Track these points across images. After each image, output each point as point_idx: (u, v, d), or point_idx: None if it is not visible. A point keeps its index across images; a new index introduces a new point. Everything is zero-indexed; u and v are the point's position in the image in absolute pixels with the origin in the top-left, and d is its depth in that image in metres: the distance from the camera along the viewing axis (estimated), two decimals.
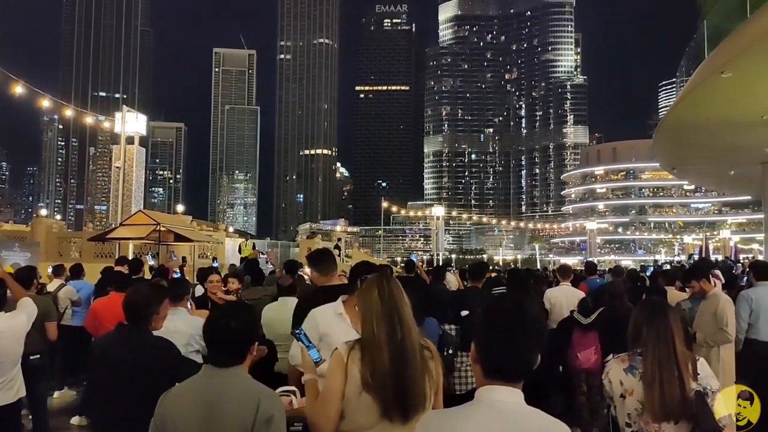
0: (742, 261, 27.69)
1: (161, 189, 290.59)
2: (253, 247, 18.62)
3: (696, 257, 30.78)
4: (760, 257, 27.75)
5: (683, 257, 49.91)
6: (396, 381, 2.39)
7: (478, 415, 1.74)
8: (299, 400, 2.89)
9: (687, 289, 7.27)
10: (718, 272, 11.33)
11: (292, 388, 3.43)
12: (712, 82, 14.28)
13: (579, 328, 6.59)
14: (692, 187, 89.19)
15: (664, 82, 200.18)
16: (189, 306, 5.24)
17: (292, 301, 5.23)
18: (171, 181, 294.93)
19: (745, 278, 9.95)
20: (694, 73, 16.65)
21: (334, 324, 3.31)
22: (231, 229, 39.42)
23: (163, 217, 20.59)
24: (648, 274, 12.38)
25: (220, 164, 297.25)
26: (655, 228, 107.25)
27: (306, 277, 8.92)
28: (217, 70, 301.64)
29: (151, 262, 15.34)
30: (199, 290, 8.58)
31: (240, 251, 19.57)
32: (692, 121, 18.39)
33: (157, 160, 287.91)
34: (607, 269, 18.58)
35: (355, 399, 2.44)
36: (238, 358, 2.48)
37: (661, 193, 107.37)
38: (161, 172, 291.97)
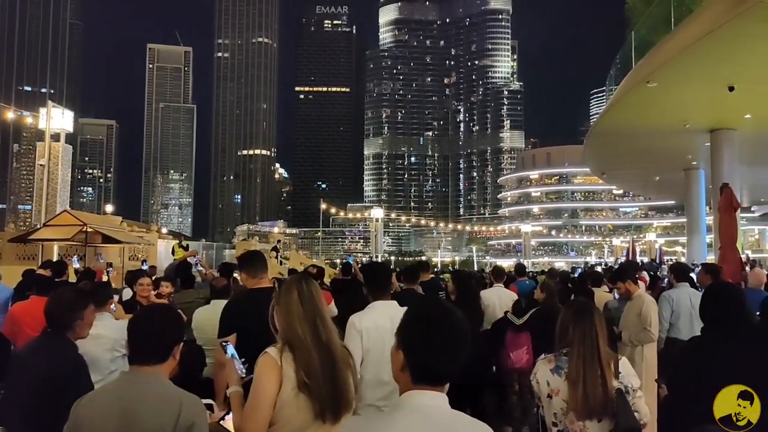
0: (666, 263, 29.04)
1: (90, 188, 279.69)
2: (186, 249, 18.06)
3: (623, 259, 32.09)
4: (683, 259, 29.19)
5: (612, 259, 51.95)
6: (328, 381, 2.40)
7: (403, 420, 1.73)
8: (215, 414, 2.79)
9: (614, 290, 7.55)
10: (644, 274, 11.83)
11: (210, 401, 3.32)
12: (638, 91, 14.92)
13: (512, 329, 6.71)
14: (621, 191, 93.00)
15: (595, 90, 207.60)
16: (113, 310, 5.02)
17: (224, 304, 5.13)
18: (101, 180, 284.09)
19: (666, 280, 10.40)
20: (622, 82, 17.35)
21: None
22: (164, 230, 38.24)
23: (90, 218, 19.76)
24: (576, 275, 12.75)
25: (154, 163, 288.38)
26: (586, 231, 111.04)
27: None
28: (151, 66, 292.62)
29: (77, 265, 14.68)
30: (127, 293, 8.27)
31: (173, 253, 18.96)
32: (620, 129, 19.15)
33: (87, 159, 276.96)
34: (540, 270, 19.07)
35: (292, 401, 2.41)
36: (159, 357, 2.40)
37: (592, 198, 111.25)
38: (91, 171, 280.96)
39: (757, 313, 4.02)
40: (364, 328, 3.54)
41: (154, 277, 8.75)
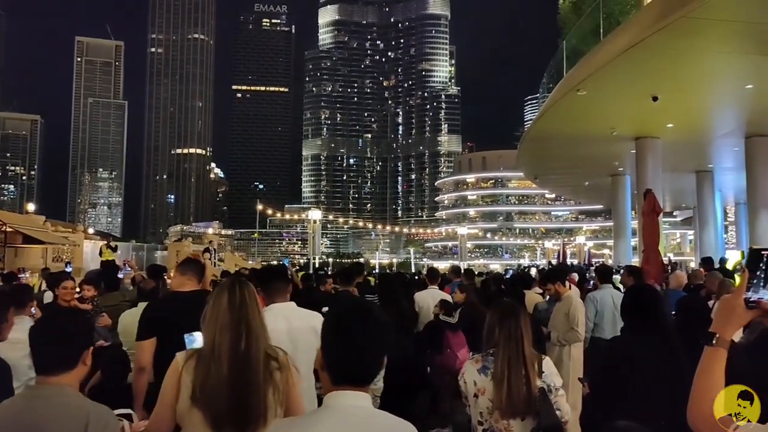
0: (594, 265, 30.11)
1: (12, 186, 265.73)
2: (115, 250, 17.41)
3: (555, 261, 33.09)
4: (610, 261, 30.34)
5: (545, 261, 53.48)
6: (232, 393, 2.28)
7: (327, 421, 1.71)
8: (135, 424, 2.68)
9: (545, 292, 7.75)
10: (575, 276, 12.21)
11: (128, 411, 3.18)
12: (569, 98, 15.37)
13: (449, 328, 6.77)
14: (553, 196, 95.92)
15: (529, 97, 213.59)
16: (33, 314, 4.76)
17: None
18: (24, 177, 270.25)
19: (591, 282, 10.77)
20: (554, 89, 17.86)
21: None
22: (92, 231, 36.70)
23: (10, 217, 18.77)
24: (508, 277, 13.02)
25: (82, 161, 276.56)
26: (520, 234, 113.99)
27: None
28: (79, 60, 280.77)
29: None
30: (48, 297, 7.89)
31: (101, 254, 18.23)
32: (552, 134, 19.70)
33: (8, 155, 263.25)
34: (478, 273, 19.32)
35: (187, 412, 2.32)
36: (65, 365, 2.23)
37: (526, 201, 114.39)
38: (12, 168, 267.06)
39: (673, 312, 4.20)
40: None
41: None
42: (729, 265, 15.33)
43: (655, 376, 2.99)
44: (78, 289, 7.28)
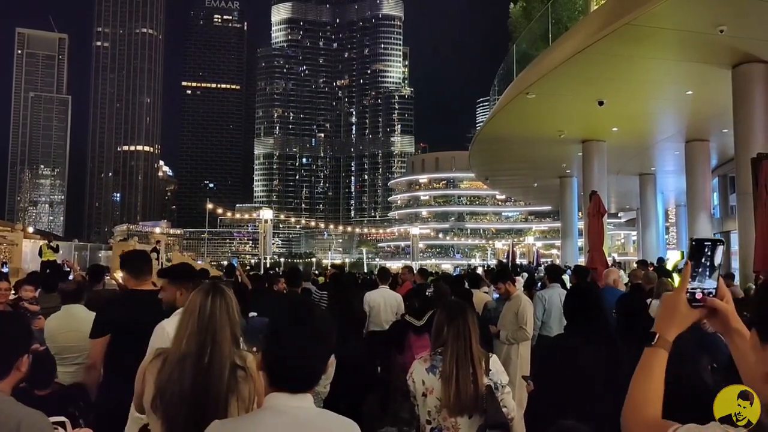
0: (542, 265, 30.72)
1: None
2: (56, 250, 16.78)
3: (504, 261, 33.62)
4: (558, 261, 31.05)
5: (494, 261, 54.28)
6: (190, 407, 2.24)
7: (268, 421, 1.69)
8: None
9: (494, 291, 7.84)
10: (520, 278, 12.42)
11: (62, 418, 3.07)
12: (519, 101, 15.65)
13: (414, 330, 6.74)
14: (503, 197, 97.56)
15: (481, 99, 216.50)
16: None
17: (77, 309, 4.79)
18: None
19: (540, 282, 10.96)
20: (505, 92, 18.16)
21: None
22: (31, 230, 35.30)
23: None
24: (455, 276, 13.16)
25: (22, 157, 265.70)
26: (471, 234, 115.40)
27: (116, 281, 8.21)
28: (20, 52, 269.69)
29: None
30: None
31: (41, 254, 17.54)
32: (502, 136, 20.03)
33: None
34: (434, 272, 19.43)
35: (149, 413, 2.31)
36: None
37: (477, 202, 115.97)
38: None
39: (614, 311, 4.31)
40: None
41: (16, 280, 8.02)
42: (669, 265, 15.90)
43: (595, 372, 3.06)
44: (14, 291, 7.00)
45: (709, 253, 1.36)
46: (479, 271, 18.66)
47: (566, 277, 10.11)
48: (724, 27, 10.15)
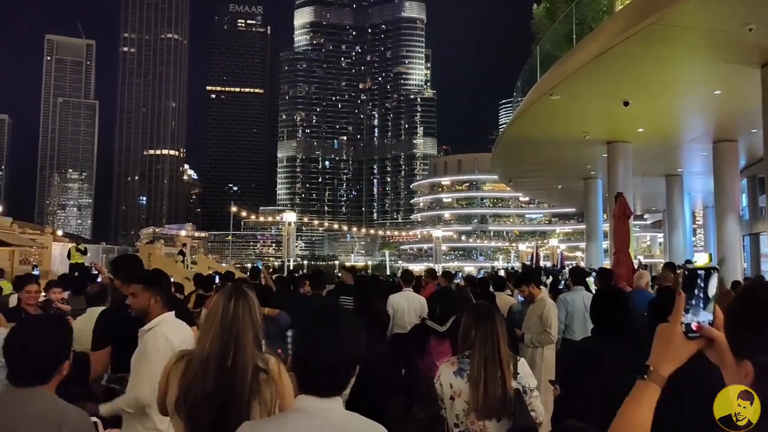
0: (566, 267, 30.41)
1: None
2: (84, 252, 17.08)
3: (528, 263, 33.39)
4: (583, 264, 30.72)
5: (518, 264, 53.94)
6: (214, 409, 2.27)
7: (298, 422, 1.70)
8: None
9: (516, 294, 7.80)
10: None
11: (95, 419, 3.13)
12: (543, 103, 15.54)
13: (435, 336, 6.72)
14: (527, 198, 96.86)
15: (504, 101, 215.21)
16: None
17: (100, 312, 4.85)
18: None
19: (564, 283, 10.87)
20: (528, 93, 18.05)
21: None
22: (60, 233, 35.97)
23: None
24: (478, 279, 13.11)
25: (51, 161, 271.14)
26: (494, 236, 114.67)
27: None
28: (49, 58, 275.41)
29: None
30: (14, 300, 7.69)
31: (69, 257, 17.87)
32: (526, 138, 19.90)
33: None
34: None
35: (172, 413, 2.34)
36: (40, 378, 2.19)
37: (500, 204, 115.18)
38: None
39: (645, 313, 4.25)
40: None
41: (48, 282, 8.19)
42: None
43: (620, 378, 3.02)
44: (44, 293, 7.13)
45: (702, 284, 1.28)
46: (501, 273, 18.56)
47: (590, 280, 10.00)
48: (753, 25, 9.96)
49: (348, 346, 1.76)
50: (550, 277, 16.87)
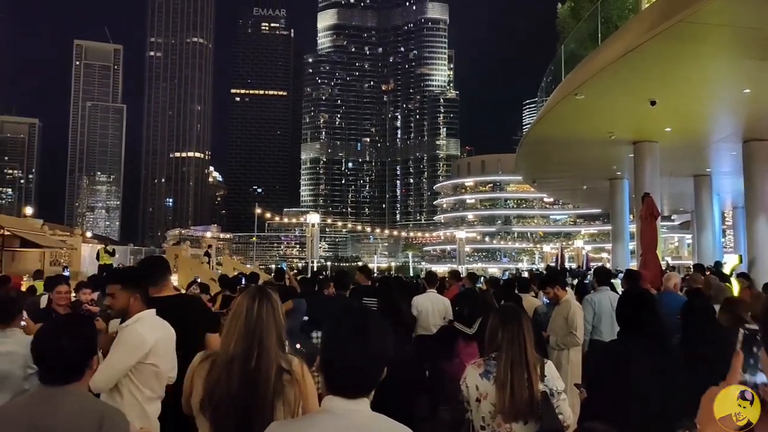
0: (592, 269, 30.04)
1: (10, 189, 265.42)
2: (113, 254, 17.37)
3: (553, 265, 33.08)
4: (608, 265, 30.33)
5: (542, 265, 53.49)
6: (239, 411, 2.30)
7: (326, 423, 1.71)
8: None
9: (541, 295, 7.73)
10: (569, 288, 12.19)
11: (148, 428, 3.19)
12: (567, 102, 15.37)
13: (463, 338, 6.70)
14: (551, 199, 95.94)
15: (528, 101, 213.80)
16: (23, 324, 4.68)
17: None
18: (22, 181, 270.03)
19: (588, 283, 10.74)
20: (553, 93, 17.89)
21: None
22: (89, 234, 36.65)
23: (7, 221, 18.75)
24: (502, 281, 13.02)
25: (80, 164, 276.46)
26: (518, 238, 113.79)
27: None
28: (78, 63, 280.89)
29: None
30: (45, 301, 7.85)
31: (98, 258, 18.20)
32: (550, 138, 19.72)
33: (6, 158, 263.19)
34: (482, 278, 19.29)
35: (197, 413, 2.37)
36: (71, 376, 2.23)
37: (524, 205, 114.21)
38: (10, 171, 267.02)
39: (678, 316, 4.18)
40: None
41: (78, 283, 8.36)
42: (726, 270, 15.34)
43: (647, 380, 2.98)
44: (74, 293, 7.26)
45: (757, 348, 1.21)
46: (525, 275, 18.42)
47: (617, 282, 9.87)
48: None
49: (375, 347, 1.76)
50: (576, 278, 16.69)
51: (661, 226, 18.23)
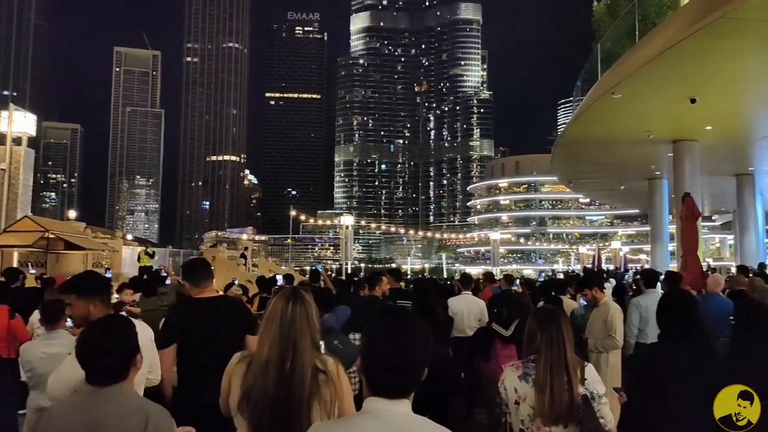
0: (630, 270, 29.50)
1: (54, 194, 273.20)
2: (152, 256, 17.76)
3: (589, 266, 32.58)
4: (647, 266, 29.72)
5: (579, 267, 52.71)
6: (275, 411, 2.34)
7: (367, 424, 1.73)
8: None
9: (578, 297, 7.63)
10: (607, 284, 11.99)
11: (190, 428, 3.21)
12: (604, 102, 15.17)
13: (501, 340, 6.66)
14: (587, 200, 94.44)
15: (563, 101, 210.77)
16: (69, 326, 4.82)
17: None
18: (65, 185, 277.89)
19: (634, 285, 10.54)
20: (589, 93, 17.65)
21: None
22: (130, 237, 37.51)
23: (52, 224, 19.28)
24: (538, 283, 12.89)
25: (120, 168, 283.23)
26: (553, 239, 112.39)
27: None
28: (118, 70, 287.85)
29: (32, 271, 14.32)
30: None
31: (139, 260, 18.65)
32: (586, 138, 19.46)
33: (50, 163, 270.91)
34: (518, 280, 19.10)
35: (235, 413, 2.42)
36: (116, 376, 2.30)
37: (560, 206, 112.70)
38: (54, 176, 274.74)
39: (731, 318, 4.09)
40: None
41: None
42: None
43: (688, 383, 2.93)
44: (116, 294, 7.46)
45: None
46: (560, 276, 18.18)
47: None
48: None
49: (414, 348, 1.77)
50: (612, 280, 16.40)
51: (701, 226, 17.80)
